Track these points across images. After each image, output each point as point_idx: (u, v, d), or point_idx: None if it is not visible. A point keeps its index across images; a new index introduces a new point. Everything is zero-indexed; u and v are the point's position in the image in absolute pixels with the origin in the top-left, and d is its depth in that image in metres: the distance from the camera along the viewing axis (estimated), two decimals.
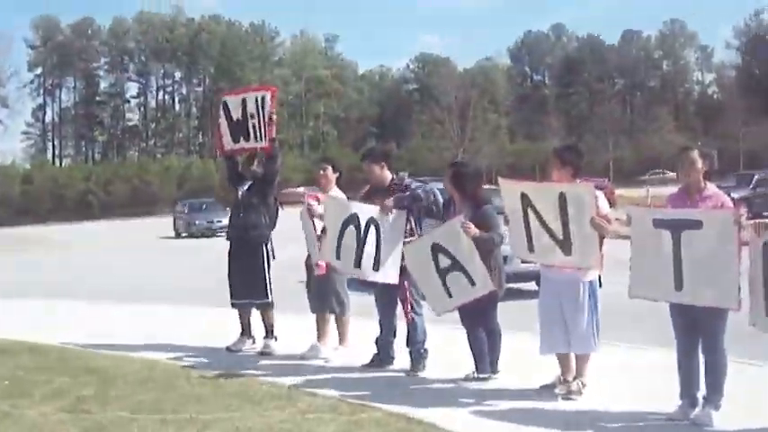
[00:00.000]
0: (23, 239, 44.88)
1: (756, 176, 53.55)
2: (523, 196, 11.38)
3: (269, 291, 14.88)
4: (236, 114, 14.93)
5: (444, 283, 12.17)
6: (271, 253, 14.89)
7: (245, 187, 15.00)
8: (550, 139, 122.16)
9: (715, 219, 9.93)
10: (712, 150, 9.97)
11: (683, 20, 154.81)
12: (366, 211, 12.88)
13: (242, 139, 14.99)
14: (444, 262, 12.09)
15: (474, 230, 11.77)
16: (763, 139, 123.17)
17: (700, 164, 10.35)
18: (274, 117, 14.68)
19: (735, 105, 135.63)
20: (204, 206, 62.13)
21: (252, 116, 14.72)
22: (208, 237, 53.73)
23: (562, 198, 10.97)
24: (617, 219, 11.43)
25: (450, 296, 12.17)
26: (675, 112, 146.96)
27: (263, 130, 14.63)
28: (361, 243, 12.79)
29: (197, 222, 60.19)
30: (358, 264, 12.91)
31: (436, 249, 12.17)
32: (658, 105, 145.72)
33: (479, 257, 11.85)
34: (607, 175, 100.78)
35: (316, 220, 14.00)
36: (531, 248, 11.49)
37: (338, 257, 13.09)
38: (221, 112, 15.31)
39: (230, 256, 15.09)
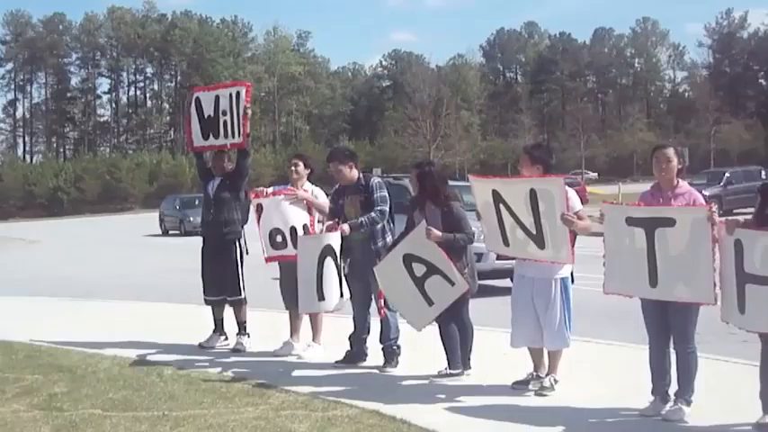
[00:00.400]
0: None
1: (727, 174, 54.48)
2: (495, 192, 11.47)
3: (242, 287, 14.87)
4: (209, 111, 14.86)
5: (423, 292, 12.17)
6: (243, 249, 14.89)
7: (216, 183, 14.97)
8: (522, 137, 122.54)
9: (688, 216, 10.02)
10: (684, 148, 10.00)
11: (654, 18, 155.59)
12: (336, 239, 12.97)
13: (211, 136, 14.91)
14: (420, 269, 12.14)
15: (436, 234, 11.92)
16: (734, 137, 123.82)
17: (675, 161, 10.48)
18: (249, 113, 14.66)
19: (706, 104, 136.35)
20: (197, 201, 59.40)
21: (224, 113, 14.65)
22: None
23: (532, 193, 11.04)
24: (589, 216, 11.47)
25: (431, 304, 12.15)
26: (647, 110, 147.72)
27: (236, 126, 14.58)
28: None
29: (191, 219, 56.87)
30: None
31: (408, 259, 12.24)
32: (630, 103, 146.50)
33: (447, 258, 11.98)
34: (579, 173, 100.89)
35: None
36: (506, 243, 11.58)
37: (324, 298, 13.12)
38: (192, 108, 15.17)
39: (203, 252, 15.09)
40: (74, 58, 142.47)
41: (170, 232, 58.78)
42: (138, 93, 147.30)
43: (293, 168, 14.46)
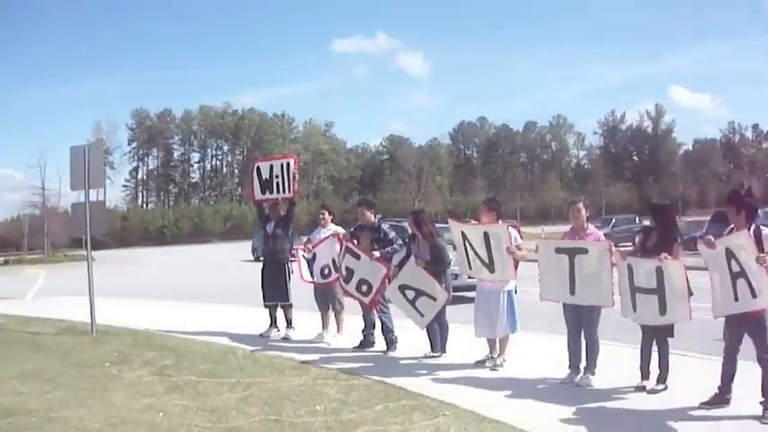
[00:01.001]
0: (123, 259, 44.75)
1: (613, 220, 55.76)
2: (462, 233, 11.65)
3: (289, 295, 14.87)
4: (266, 175, 14.87)
5: (416, 309, 12.33)
6: (290, 269, 14.86)
7: (273, 224, 14.94)
8: (477, 194, 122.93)
9: (596, 248, 10.35)
10: (587, 203, 10.09)
11: (565, 115, 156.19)
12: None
13: (267, 192, 14.91)
14: (410, 294, 12.31)
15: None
16: (617, 195, 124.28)
17: (584, 211, 10.76)
18: (297, 176, 14.65)
19: (598, 173, 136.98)
20: None
21: (276, 176, 14.69)
22: None
23: (486, 235, 11.32)
24: (526, 248, 11.52)
25: (423, 315, 12.31)
26: (560, 177, 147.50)
27: (287, 184, 14.61)
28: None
29: None
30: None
31: (403, 288, 12.38)
32: (549, 172, 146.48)
33: (431, 278, 12.13)
34: (515, 219, 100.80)
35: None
36: (470, 268, 11.71)
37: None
38: (254, 173, 15.23)
39: (263, 271, 15.04)
40: (176, 139, 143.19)
41: (260, 258, 57.29)
42: (218, 162, 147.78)
43: (322, 216, 14.53)
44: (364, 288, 13.15)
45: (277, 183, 14.77)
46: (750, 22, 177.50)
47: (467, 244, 11.56)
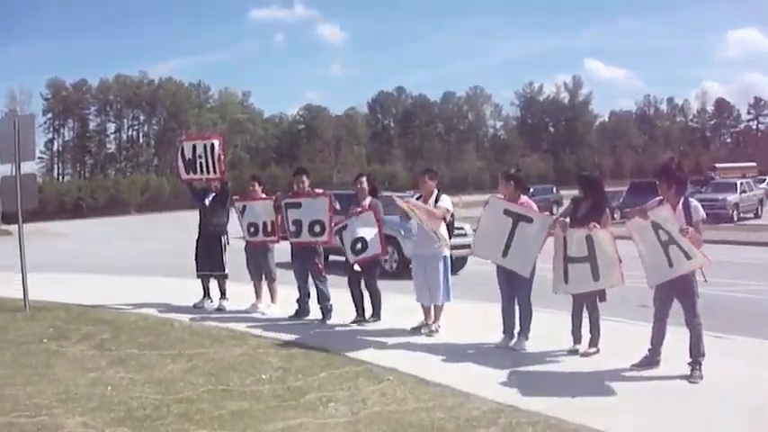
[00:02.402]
0: (42, 232, 43.87)
1: (531, 189, 55.16)
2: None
3: (225, 266, 14.92)
4: (189, 155, 14.83)
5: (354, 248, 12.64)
6: (227, 240, 14.93)
7: (210, 198, 14.95)
8: (395, 164, 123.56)
9: (540, 221, 10.70)
10: (517, 172, 10.27)
11: (482, 86, 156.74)
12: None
13: (191, 172, 14.91)
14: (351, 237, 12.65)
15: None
16: (534, 165, 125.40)
17: (510, 183, 11.12)
18: (222, 157, 14.74)
19: (515, 143, 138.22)
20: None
21: (200, 156, 14.66)
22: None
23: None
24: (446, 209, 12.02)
25: (358, 253, 12.64)
26: (477, 147, 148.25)
27: (211, 165, 14.60)
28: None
29: None
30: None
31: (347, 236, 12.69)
32: (466, 143, 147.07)
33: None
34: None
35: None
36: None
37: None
38: (178, 153, 15.22)
39: (198, 241, 15.02)
40: (92, 109, 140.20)
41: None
42: (134, 133, 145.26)
43: (252, 188, 14.88)
44: (317, 228, 13.19)
45: (200, 163, 14.74)
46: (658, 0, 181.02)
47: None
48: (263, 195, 14.73)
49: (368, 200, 12.98)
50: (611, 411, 7.89)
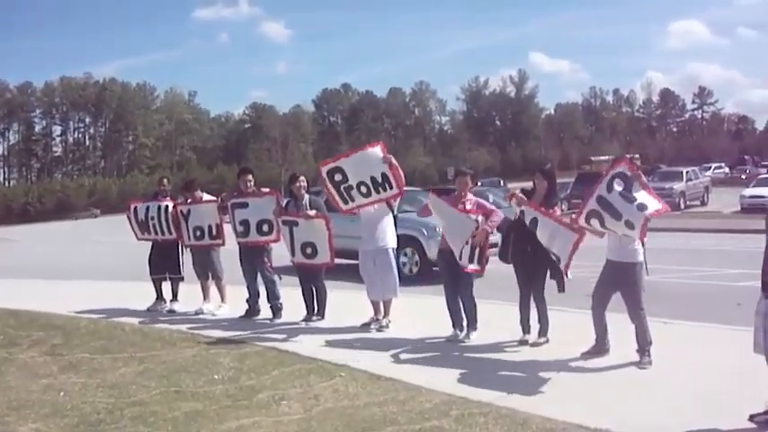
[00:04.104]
0: None
1: (479, 183, 55.73)
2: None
3: (181, 269, 14.88)
4: (141, 216, 14.77)
5: (303, 251, 12.52)
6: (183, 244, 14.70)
7: (164, 207, 14.62)
8: None
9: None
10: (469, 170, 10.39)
11: (427, 81, 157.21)
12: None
13: (145, 232, 14.87)
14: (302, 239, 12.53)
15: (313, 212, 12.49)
16: (481, 159, 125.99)
17: (467, 180, 11.26)
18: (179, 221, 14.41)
19: (462, 137, 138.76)
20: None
21: (152, 218, 14.54)
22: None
23: None
24: None
25: (309, 257, 12.54)
26: (424, 143, 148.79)
27: (165, 227, 14.51)
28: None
29: None
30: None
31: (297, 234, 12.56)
32: (413, 138, 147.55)
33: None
34: None
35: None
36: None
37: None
38: (131, 214, 15.02)
39: (153, 245, 14.94)
40: (37, 112, 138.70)
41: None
42: (80, 135, 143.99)
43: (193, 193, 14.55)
44: (265, 228, 13.11)
45: (153, 224, 14.66)
46: None
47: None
48: (207, 197, 14.63)
49: (307, 197, 12.89)
50: (561, 399, 8.02)
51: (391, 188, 11.81)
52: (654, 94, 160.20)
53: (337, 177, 12.06)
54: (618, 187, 9.14)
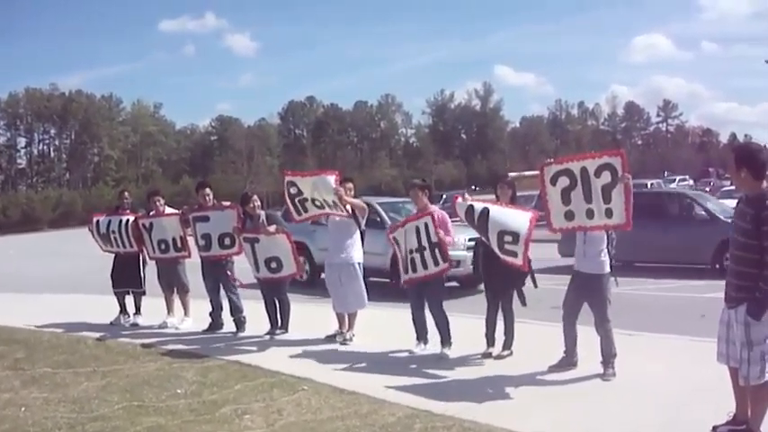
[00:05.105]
0: None
1: (444, 196, 55.75)
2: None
3: (142, 282, 14.78)
4: (103, 229, 14.68)
5: (268, 266, 12.50)
6: (144, 258, 14.63)
7: (125, 221, 14.50)
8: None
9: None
10: (425, 182, 10.39)
11: (393, 94, 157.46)
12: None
13: (108, 244, 14.81)
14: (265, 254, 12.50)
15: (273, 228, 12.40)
16: (446, 172, 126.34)
17: (421, 194, 11.09)
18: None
19: (428, 150, 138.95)
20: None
21: (113, 231, 14.45)
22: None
23: None
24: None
25: (274, 272, 12.51)
26: (390, 155, 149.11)
27: (126, 240, 14.46)
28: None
29: None
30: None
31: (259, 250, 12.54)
32: (379, 151, 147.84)
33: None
34: None
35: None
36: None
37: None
38: (93, 227, 14.95)
39: (115, 259, 14.87)
40: (1, 123, 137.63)
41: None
42: (45, 147, 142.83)
43: (157, 203, 14.26)
44: (227, 241, 13.06)
45: (114, 237, 14.59)
46: (565, 5, 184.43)
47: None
48: (169, 210, 14.50)
49: (262, 214, 12.85)
50: (524, 411, 8.05)
51: (341, 211, 11.89)
52: (619, 107, 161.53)
53: (293, 190, 12.17)
54: (604, 180, 9.14)
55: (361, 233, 12.21)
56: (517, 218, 9.83)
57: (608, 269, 9.50)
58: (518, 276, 10.33)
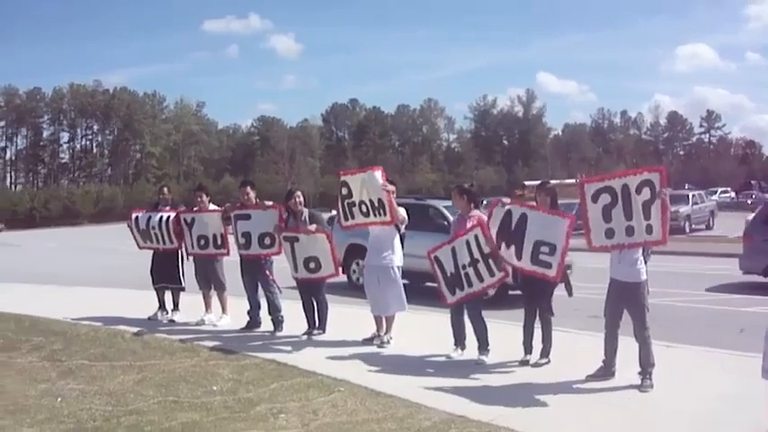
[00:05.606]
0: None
1: (485, 201, 55.11)
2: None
3: (182, 279, 14.83)
4: (142, 225, 14.70)
5: (307, 266, 12.52)
6: (183, 254, 14.66)
7: (165, 217, 14.59)
8: None
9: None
10: (470, 186, 10.34)
11: (435, 99, 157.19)
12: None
13: (147, 241, 14.86)
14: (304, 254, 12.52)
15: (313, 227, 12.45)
16: (487, 178, 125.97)
17: (461, 197, 11.11)
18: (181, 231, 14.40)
19: (469, 156, 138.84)
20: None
21: (153, 227, 14.52)
22: None
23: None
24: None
25: (312, 272, 12.53)
26: (431, 160, 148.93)
27: (167, 236, 14.53)
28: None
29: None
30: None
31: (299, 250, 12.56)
32: (420, 155, 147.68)
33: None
34: None
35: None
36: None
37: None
38: (132, 224, 14.97)
39: (154, 255, 14.91)
40: (45, 118, 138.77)
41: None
42: (88, 142, 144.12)
43: (199, 199, 14.31)
44: (267, 241, 13.04)
45: (154, 233, 14.65)
46: (608, 14, 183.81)
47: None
48: (212, 207, 14.53)
49: (306, 211, 12.86)
50: (561, 420, 7.98)
51: (384, 215, 11.75)
52: (661, 116, 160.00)
53: (344, 191, 12.08)
54: (645, 196, 9.11)
55: (400, 237, 12.16)
56: (556, 227, 9.83)
57: (644, 276, 9.45)
58: (553, 284, 10.29)
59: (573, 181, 78.69)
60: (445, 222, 17.06)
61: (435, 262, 10.96)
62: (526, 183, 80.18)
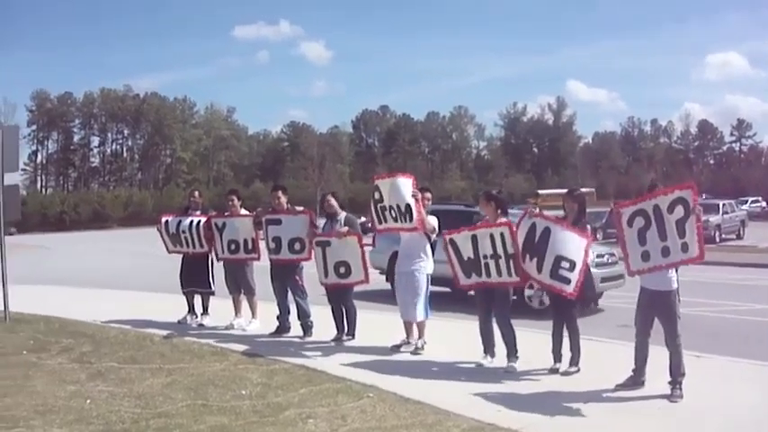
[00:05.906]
0: (23, 245, 43.33)
1: (514, 209, 54.92)
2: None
3: (212, 284, 14.86)
4: (172, 229, 14.72)
5: (337, 271, 12.51)
6: (213, 258, 14.69)
7: (196, 221, 14.66)
8: None
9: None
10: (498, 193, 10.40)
11: (466, 106, 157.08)
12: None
13: (177, 245, 14.86)
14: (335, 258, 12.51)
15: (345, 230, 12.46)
16: (517, 185, 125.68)
17: (490, 203, 11.00)
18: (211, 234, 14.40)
19: (499, 163, 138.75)
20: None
21: (183, 232, 14.55)
22: None
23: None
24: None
25: (342, 277, 12.49)
26: (461, 167, 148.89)
27: (197, 240, 14.54)
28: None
29: None
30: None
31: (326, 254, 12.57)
32: (449, 162, 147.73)
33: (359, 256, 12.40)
34: None
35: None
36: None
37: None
38: (162, 228, 15.02)
39: (184, 259, 14.95)
40: (76, 122, 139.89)
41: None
42: (118, 147, 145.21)
43: (231, 202, 14.34)
44: (297, 246, 13.03)
45: (185, 237, 14.67)
46: (637, 22, 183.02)
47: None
48: (244, 211, 14.56)
49: (343, 214, 12.87)
50: (589, 430, 7.93)
51: (411, 221, 11.70)
52: (692, 125, 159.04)
53: (377, 195, 12.08)
54: (678, 214, 9.09)
55: (431, 245, 12.13)
56: (576, 244, 9.98)
57: (675, 285, 9.38)
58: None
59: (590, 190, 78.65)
60: None
61: (451, 244, 10.98)
62: (540, 191, 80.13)
